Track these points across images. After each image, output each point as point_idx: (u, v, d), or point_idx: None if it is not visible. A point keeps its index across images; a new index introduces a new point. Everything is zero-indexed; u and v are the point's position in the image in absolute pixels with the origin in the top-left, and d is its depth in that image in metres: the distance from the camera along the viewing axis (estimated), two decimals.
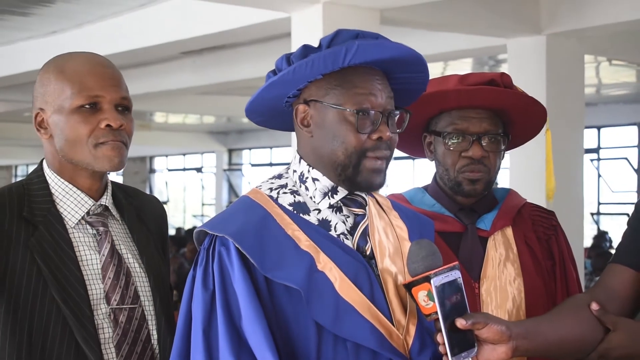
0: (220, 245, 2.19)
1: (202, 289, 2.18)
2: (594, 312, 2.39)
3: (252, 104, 2.36)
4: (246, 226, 2.19)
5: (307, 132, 2.29)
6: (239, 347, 2.11)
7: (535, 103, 2.91)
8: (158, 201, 2.78)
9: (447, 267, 2.10)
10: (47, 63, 2.51)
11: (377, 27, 7.23)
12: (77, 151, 2.41)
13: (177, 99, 16.00)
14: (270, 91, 2.30)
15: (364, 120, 2.21)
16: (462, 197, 2.89)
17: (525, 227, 2.96)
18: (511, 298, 2.82)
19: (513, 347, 2.15)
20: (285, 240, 2.19)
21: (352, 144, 2.21)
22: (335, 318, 2.15)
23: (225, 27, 8.31)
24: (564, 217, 3.11)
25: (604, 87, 14.96)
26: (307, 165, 2.30)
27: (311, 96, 2.27)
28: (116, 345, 2.39)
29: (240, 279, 2.14)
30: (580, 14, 7.97)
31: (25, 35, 10.54)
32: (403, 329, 2.22)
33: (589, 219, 16.44)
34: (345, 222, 2.28)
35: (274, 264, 2.15)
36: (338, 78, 2.23)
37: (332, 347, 2.17)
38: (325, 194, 2.28)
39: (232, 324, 2.13)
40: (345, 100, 2.22)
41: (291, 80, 2.25)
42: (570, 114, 8.42)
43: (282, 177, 2.35)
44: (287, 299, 2.16)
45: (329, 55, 2.20)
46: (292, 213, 2.25)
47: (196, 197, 26.20)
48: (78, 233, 2.45)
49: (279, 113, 2.38)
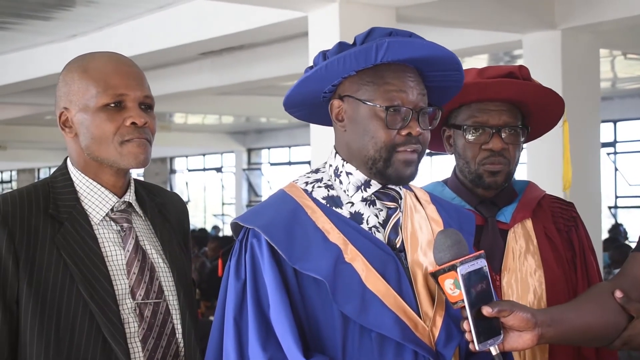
0: (253, 237, 2.26)
1: (234, 278, 2.26)
2: (618, 299, 2.39)
3: (289, 98, 2.42)
4: (276, 219, 2.25)
5: (341, 127, 2.35)
6: (266, 336, 2.18)
7: (554, 94, 2.92)
8: (179, 197, 2.80)
9: (473, 256, 2.12)
10: (70, 63, 2.53)
11: (393, 24, 7.21)
12: (102, 149, 2.43)
13: (196, 100, 15.97)
14: (306, 86, 2.36)
15: (394, 116, 2.25)
16: (483, 190, 2.90)
17: (545, 218, 2.97)
18: (532, 290, 2.84)
19: (538, 334, 2.16)
20: (314, 233, 2.25)
21: (381, 139, 2.26)
22: (361, 308, 2.18)
23: (243, 28, 8.31)
24: (582, 211, 3.12)
25: (620, 81, 14.82)
26: (341, 160, 2.36)
27: (345, 92, 2.32)
28: (142, 339, 2.41)
29: (269, 270, 2.21)
30: (595, 8, 7.93)
31: (46, 39, 10.54)
32: (430, 321, 2.25)
33: (606, 213, 16.35)
34: (377, 216, 2.32)
35: (302, 255, 2.21)
36: (371, 74, 2.28)
37: (357, 338, 2.21)
38: (358, 188, 2.32)
39: (261, 313, 2.20)
40: (376, 96, 2.26)
41: (325, 75, 2.31)
42: (586, 108, 8.37)
43: (318, 171, 2.41)
44: (315, 290, 2.22)
45: (360, 53, 2.25)
46: (325, 206, 2.31)
47: (216, 197, 26.13)
48: (103, 229, 2.48)
49: (318, 107, 2.43)
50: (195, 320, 2.57)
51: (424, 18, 7.83)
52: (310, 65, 2.39)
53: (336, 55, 2.28)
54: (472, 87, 2.82)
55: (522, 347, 2.18)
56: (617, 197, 17.42)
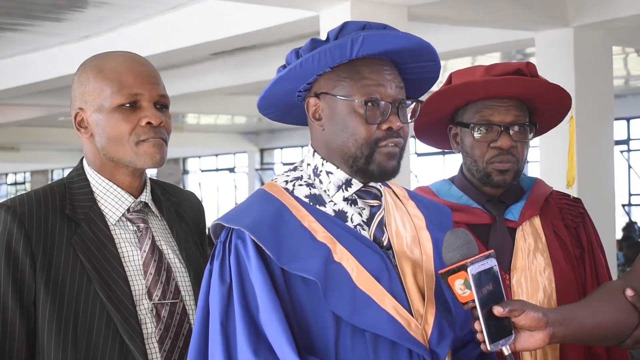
0: (237, 238, 2.18)
1: (219, 282, 2.18)
2: (629, 298, 2.38)
3: (263, 99, 2.36)
4: (262, 218, 2.18)
5: (318, 125, 2.28)
6: (257, 340, 2.10)
7: (561, 90, 2.90)
8: (195, 196, 2.79)
9: (483, 255, 2.10)
10: (85, 63, 2.52)
11: (405, 23, 7.23)
12: (118, 149, 2.43)
13: (209, 100, 16.02)
14: (281, 85, 2.30)
15: (373, 110, 2.20)
16: (490, 188, 2.88)
17: (553, 215, 2.95)
18: (542, 288, 2.82)
19: (550, 334, 2.15)
20: (301, 232, 2.18)
21: (362, 135, 2.20)
22: (353, 309, 2.13)
23: (255, 28, 8.33)
24: (596, 209, 3.13)
25: (633, 79, 14.81)
26: (320, 159, 2.30)
27: (321, 89, 2.26)
28: (159, 340, 2.41)
29: (257, 271, 2.14)
30: (607, 5, 7.92)
31: (58, 41, 10.58)
32: (422, 319, 2.21)
33: (620, 211, 16.32)
34: (361, 214, 2.27)
35: (291, 255, 2.14)
36: (347, 70, 2.23)
37: (350, 338, 2.16)
38: (339, 187, 2.27)
39: (249, 316, 2.12)
40: (354, 92, 2.21)
41: (300, 74, 2.26)
42: (599, 105, 8.37)
43: (297, 169, 2.34)
44: (305, 291, 2.16)
45: (335, 48, 2.20)
46: (308, 205, 2.24)
47: (229, 197, 26.18)
48: (119, 230, 2.47)
49: (293, 107, 2.38)
50: None
51: (435, 16, 7.84)
52: (282, 65, 2.34)
53: (310, 52, 2.23)
54: (480, 85, 2.80)
55: (533, 346, 2.17)
56: (631, 194, 17.41)
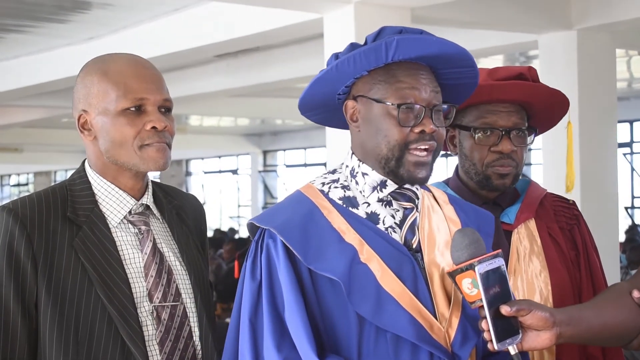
0: (268, 238, 2.26)
1: (250, 279, 2.26)
2: (636, 299, 2.38)
3: (303, 100, 2.42)
4: (292, 219, 2.25)
5: (355, 127, 2.34)
6: (281, 337, 2.18)
7: (561, 95, 2.91)
8: (197, 200, 2.79)
9: (491, 255, 2.12)
10: (88, 65, 2.51)
11: (408, 25, 7.16)
12: (122, 153, 2.43)
13: (212, 102, 16.00)
14: (318, 88, 2.36)
15: (406, 114, 2.24)
16: (487, 191, 2.88)
17: (547, 218, 2.95)
18: (538, 291, 2.82)
19: (557, 334, 2.16)
20: (330, 233, 2.24)
21: (394, 137, 2.25)
22: (376, 309, 2.18)
23: (259, 30, 8.32)
24: (599, 211, 3.13)
25: (636, 81, 14.78)
26: (357, 160, 2.35)
27: (358, 92, 2.31)
28: (159, 342, 2.41)
29: (285, 270, 2.20)
30: (611, 8, 7.90)
31: (62, 42, 10.57)
32: (446, 322, 2.24)
33: (623, 213, 16.30)
34: (394, 216, 2.31)
35: (317, 255, 2.20)
36: (383, 73, 2.27)
37: (373, 339, 2.20)
38: (374, 188, 2.31)
39: (276, 314, 2.20)
40: (388, 95, 2.25)
41: (336, 76, 2.31)
42: (602, 108, 8.35)
43: (335, 172, 2.40)
44: (330, 291, 2.21)
45: (370, 51, 2.24)
46: (341, 207, 2.30)
47: (232, 199, 26.19)
48: (121, 232, 2.48)
49: (334, 110, 2.43)
50: (213, 322, 2.57)
51: (439, 19, 7.83)
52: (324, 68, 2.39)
53: (346, 55, 2.27)
54: (484, 89, 2.80)
55: (540, 346, 2.17)
56: (634, 197, 17.38)
